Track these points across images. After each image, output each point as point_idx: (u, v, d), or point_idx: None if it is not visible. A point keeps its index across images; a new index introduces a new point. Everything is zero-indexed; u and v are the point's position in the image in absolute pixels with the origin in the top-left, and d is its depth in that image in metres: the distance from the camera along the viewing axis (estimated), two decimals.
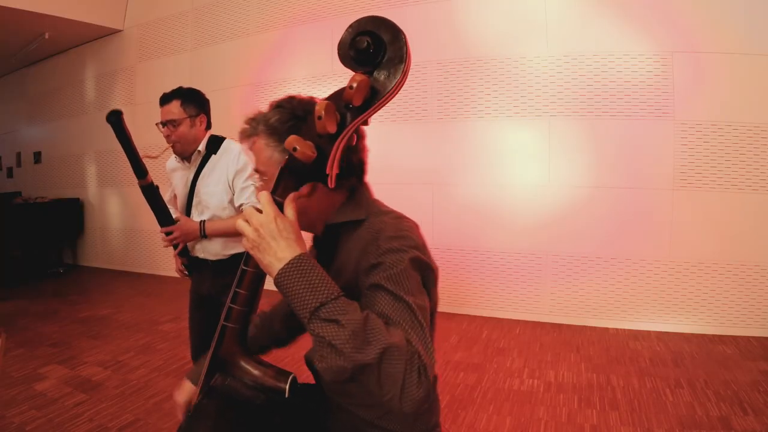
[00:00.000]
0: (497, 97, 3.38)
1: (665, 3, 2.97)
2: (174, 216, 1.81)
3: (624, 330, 3.09)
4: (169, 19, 4.82)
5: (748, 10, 2.83)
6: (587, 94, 3.16)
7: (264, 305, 1.23)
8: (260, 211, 0.73)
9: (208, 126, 1.84)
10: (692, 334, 2.96)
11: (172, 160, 1.92)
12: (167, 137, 1.75)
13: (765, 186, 2.87)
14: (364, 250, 0.82)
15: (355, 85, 0.68)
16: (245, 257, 0.78)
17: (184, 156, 1.82)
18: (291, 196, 0.75)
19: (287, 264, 0.68)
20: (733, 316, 2.95)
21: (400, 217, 0.87)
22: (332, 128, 0.71)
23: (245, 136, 0.89)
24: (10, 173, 6.78)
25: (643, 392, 2.25)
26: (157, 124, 1.77)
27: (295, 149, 0.70)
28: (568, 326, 3.20)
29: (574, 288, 3.26)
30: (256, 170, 0.89)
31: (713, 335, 2.93)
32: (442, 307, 3.81)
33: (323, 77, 3.94)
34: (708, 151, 2.95)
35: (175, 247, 1.81)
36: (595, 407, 2.12)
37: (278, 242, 0.70)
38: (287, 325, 1.13)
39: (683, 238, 3.02)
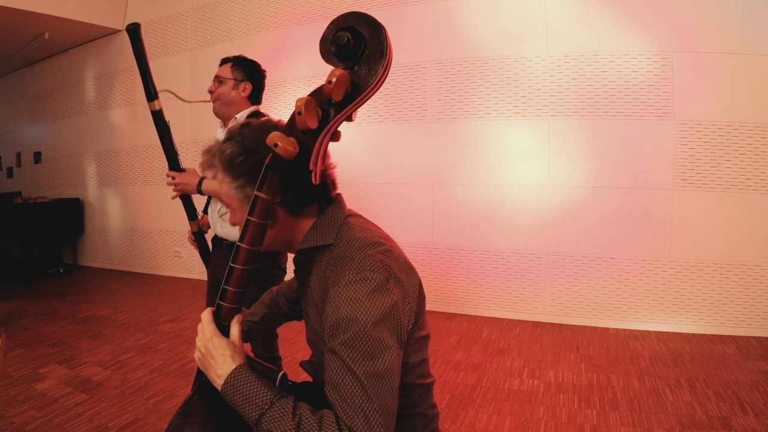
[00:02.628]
0: (497, 97, 3.38)
1: (665, 3, 2.97)
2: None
3: (624, 330, 3.09)
4: (169, 19, 4.82)
5: (748, 10, 2.83)
6: (587, 94, 3.16)
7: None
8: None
9: (253, 98, 1.89)
10: (692, 334, 2.97)
11: (219, 132, 1.98)
12: (210, 93, 1.87)
13: (765, 186, 2.87)
14: (326, 287, 0.81)
15: (333, 80, 0.68)
16: (240, 235, 0.79)
17: (222, 118, 1.90)
18: (237, 317, 0.81)
19: (225, 382, 0.75)
20: (733, 316, 2.95)
21: (367, 245, 0.81)
22: (313, 124, 0.71)
23: (206, 167, 0.89)
24: (10, 173, 6.77)
25: (643, 392, 2.25)
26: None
27: (276, 145, 0.70)
28: (568, 326, 3.20)
29: (574, 288, 3.26)
30: (220, 200, 0.91)
31: (713, 335, 2.93)
32: (442, 307, 3.83)
33: (323, 77, 3.92)
34: (708, 151, 2.95)
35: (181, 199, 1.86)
36: (595, 407, 2.12)
37: (215, 360, 0.78)
38: (290, 307, 1.16)
39: (683, 238, 3.02)
